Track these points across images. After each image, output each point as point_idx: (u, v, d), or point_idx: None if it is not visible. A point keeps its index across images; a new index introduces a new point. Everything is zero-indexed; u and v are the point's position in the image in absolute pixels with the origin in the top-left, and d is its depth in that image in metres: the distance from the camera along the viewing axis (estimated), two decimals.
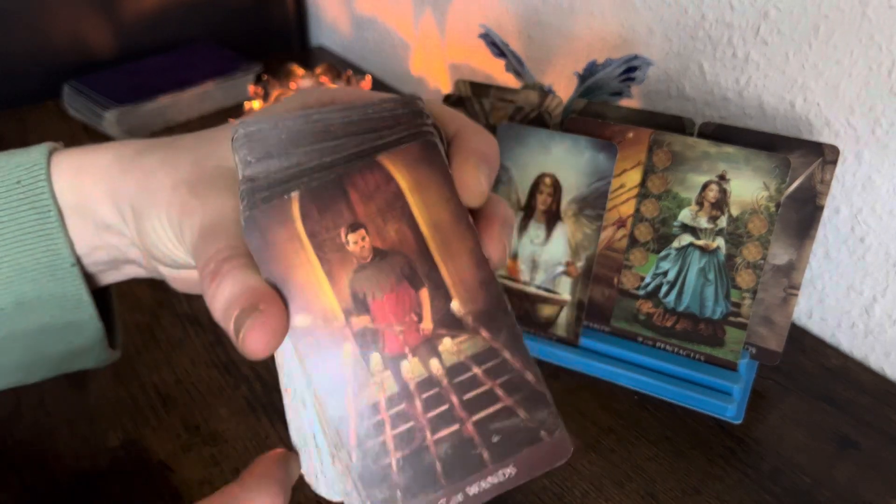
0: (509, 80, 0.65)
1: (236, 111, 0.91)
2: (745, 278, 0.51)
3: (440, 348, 0.26)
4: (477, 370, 0.26)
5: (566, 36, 0.74)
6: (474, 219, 0.27)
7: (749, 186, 0.50)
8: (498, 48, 0.62)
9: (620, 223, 0.54)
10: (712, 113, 0.63)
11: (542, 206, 0.54)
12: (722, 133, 0.52)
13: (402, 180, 0.26)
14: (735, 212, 0.50)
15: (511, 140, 0.54)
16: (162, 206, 0.31)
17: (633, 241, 0.54)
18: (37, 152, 0.35)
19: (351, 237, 0.26)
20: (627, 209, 0.53)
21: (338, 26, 1.11)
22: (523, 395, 0.26)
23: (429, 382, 0.26)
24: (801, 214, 0.51)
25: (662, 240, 0.53)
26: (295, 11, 1.13)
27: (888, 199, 0.54)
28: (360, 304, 0.26)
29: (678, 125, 0.53)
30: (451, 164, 0.27)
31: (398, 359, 0.26)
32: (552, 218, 0.54)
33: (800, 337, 0.59)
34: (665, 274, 0.53)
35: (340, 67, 0.87)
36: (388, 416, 0.26)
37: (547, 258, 0.55)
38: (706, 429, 0.51)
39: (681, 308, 0.53)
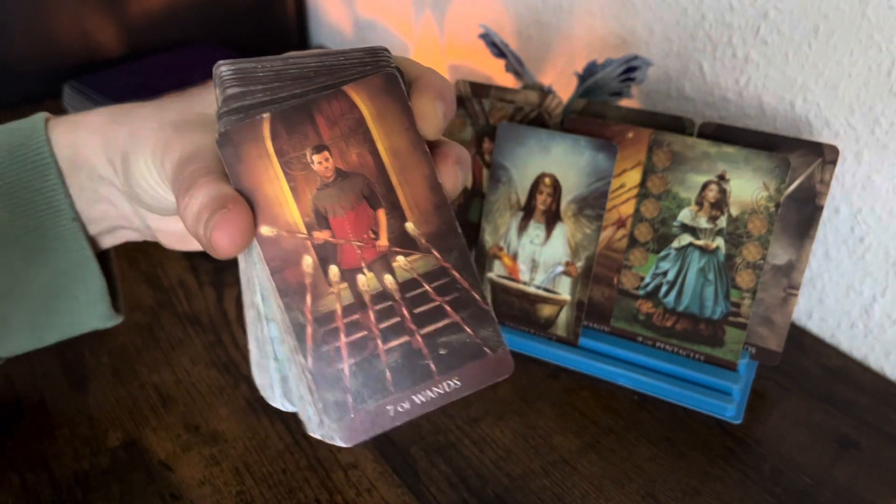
0: (509, 81, 0.65)
1: None
2: (744, 278, 0.51)
3: (394, 265, 0.28)
4: (427, 287, 0.29)
5: (566, 36, 0.74)
6: (432, 156, 0.29)
7: (749, 186, 0.50)
8: (498, 48, 0.62)
9: (620, 223, 0.54)
10: (712, 113, 0.63)
11: (541, 206, 0.54)
12: (722, 133, 0.52)
13: (365, 109, 0.28)
14: (735, 212, 0.51)
15: (511, 140, 0.54)
16: (148, 146, 0.33)
17: (633, 241, 0.54)
18: (36, 117, 0.39)
19: (315, 157, 0.28)
20: (627, 209, 0.54)
21: (338, 27, 1.11)
22: (470, 312, 0.29)
23: (382, 296, 0.28)
24: (801, 214, 0.51)
25: (662, 240, 0.53)
26: (295, 11, 1.13)
27: (888, 199, 0.54)
28: (321, 220, 0.28)
29: (678, 125, 0.53)
30: (411, 99, 0.29)
31: (355, 272, 0.28)
32: (552, 218, 0.54)
33: (800, 337, 0.59)
34: (665, 274, 0.53)
35: None
36: (342, 324, 0.28)
37: (547, 258, 0.55)
38: (706, 429, 0.51)
39: (680, 308, 0.53)
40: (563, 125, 0.55)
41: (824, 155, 0.50)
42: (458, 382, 0.29)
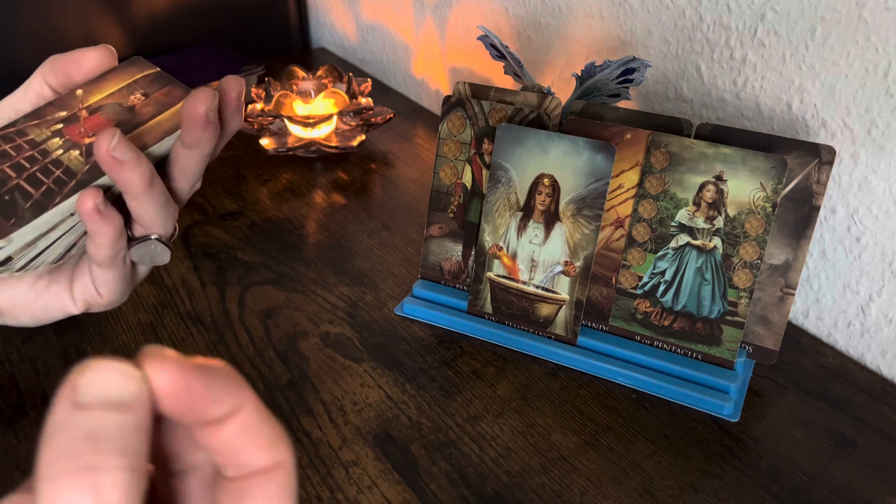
0: (508, 83, 0.66)
1: None
2: (741, 278, 0.51)
3: (83, 150, 0.37)
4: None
5: (565, 38, 0.75)
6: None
7: (746, 187, 0.50)
8: (497, 50, 0.62)
9: (618, 223, 0.54)
10: (710, 114, 0.63)
11: (540, 207, 0.55)
12: (719, 134, 0.52)
13: (179, 107, 0.37)
14: (732, 212, 0.51)
15: (510, 141, 0.55)
16: None
17: (631, 241, 0.54)
18: None
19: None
20: (625, 209, 0.54)
21: (339, 29, 1.12)
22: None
23: (66, 161, 0.37)
24: (798, 214, 0.51)
25: (660, 240, 0.53)
26: (297, 14, 1.14)
27: (884, 199, 0.54)
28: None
29: (676, 126, 0.53)
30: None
31: (71, 142, 0.37)
32: (551, 218, 0.55)
33: (796, 336, 0.59)
34: (663, 273, 0.54)
35: (342, 69, 0.88)
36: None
37: (546, 258, 0.55)
38: (704, 427, 0.51)
39: (678, 307, 0.53)
40: (561, 126, 0.56)
41: (821, 155, 0.50)
42: None
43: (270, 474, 0.21)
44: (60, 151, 0.36)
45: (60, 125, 0.37)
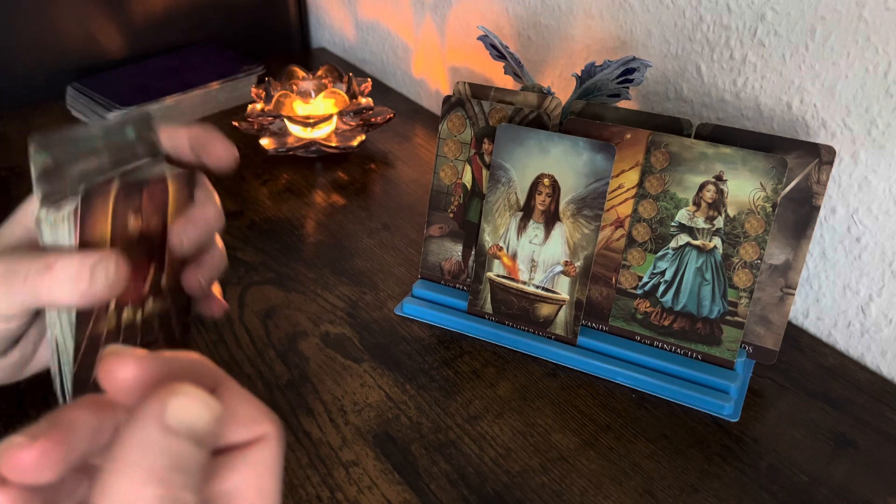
0: (508, 83, 0.66)
1: (239, 112, 0.91)
2: (741, 278, 0.51)
3: (145, 305, 0.37)
4: (155, 325, 0.38)
5: (565, 38, 0.75)
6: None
7: (746, 187, 0.50)
8: (497, 50, 0.62)
9: (618, 223, 0.54)
10: (710, 114, 0.63)
11: (540, 207, 0.55)
12: (719, 134, 0.52)
13: (172, 193, 0.35)
14: (732, 212, 0.51)
15: (510, 141, 0.55)
16: None
17: (631, 241, 0.54)
18: None
19: (132, 220, 0.34)
20: (625, 209, 0.54)
21: (339, 29, 1.12)
22: (165, 336, 0.39)
23: (132, 326, 0.37)
24: (798, 214, 0.51)
25: (660, 240, 0.53)
26: (297, 14, 1.14)
27: (884, 199, 0.54)
28: None
29: (676, 126, 0.53)
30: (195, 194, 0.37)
31: (122, 307, 0.36)
32: (551, 218, 0.55)
33: (796, 336, 0.59)
34: (663, 273, 0.54)
35: (342, 69, 0.88)
36: (102, 343, 0.36)
37: (546, 258, 0.55)
38: (704, 427, 0.51)
39: (678, 307, 0.53)
40: (561, 126, 0.56)
41: (821, 155, 0.50)
42: None
43: (254, 447, 0.22)
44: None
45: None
